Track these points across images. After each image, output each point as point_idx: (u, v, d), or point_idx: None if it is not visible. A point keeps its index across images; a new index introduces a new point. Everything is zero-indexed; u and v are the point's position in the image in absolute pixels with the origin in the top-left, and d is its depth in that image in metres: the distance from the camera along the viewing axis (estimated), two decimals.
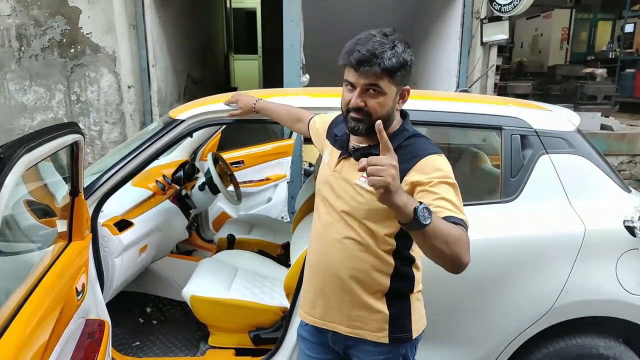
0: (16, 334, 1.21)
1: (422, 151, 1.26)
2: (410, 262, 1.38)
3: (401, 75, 1.25)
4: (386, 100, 1.26)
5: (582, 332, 1.92)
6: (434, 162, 1.24)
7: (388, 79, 1.23)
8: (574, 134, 2.00)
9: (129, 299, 2.63)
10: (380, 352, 1.38)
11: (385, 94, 1.25)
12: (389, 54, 1.20)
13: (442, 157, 1.27)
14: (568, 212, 1.89)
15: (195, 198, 2.92)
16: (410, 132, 1.33)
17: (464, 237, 1.13)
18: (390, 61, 1.20)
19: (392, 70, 1.21)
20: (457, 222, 1.14)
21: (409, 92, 1.31)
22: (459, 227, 1.13)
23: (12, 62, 4.51)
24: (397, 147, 1.24)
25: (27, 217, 1.73)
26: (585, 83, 6.37)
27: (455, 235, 1.10)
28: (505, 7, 4.42)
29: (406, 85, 1.29)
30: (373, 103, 1.25)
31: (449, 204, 1.16)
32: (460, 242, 1.11)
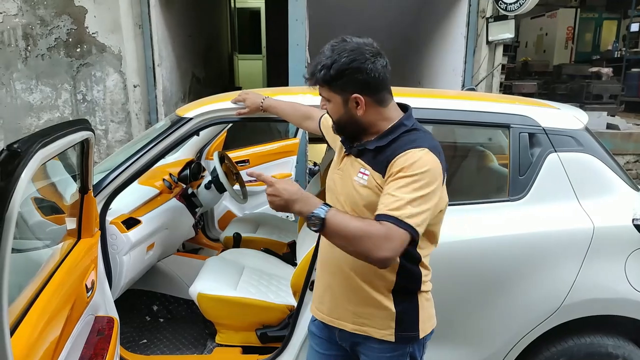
0: (29, 331, 1.22)
1: (408, 145, 1.27)
2: (417, 260, 1.37)
3: (342, 82, 1.28)
4: (334, 107, 1.33)
5: (590, 331, 1.91)
6: (409, 156, 1.24)
7: (327, 88, 1.31)
8: (582, 132, 1.99)
9: (136, 297, 2.64)
10: (386, 350, 1.38)
11: (331, 102, 1.34)
12: (320, 67, 1.28)
13: (422, 151, 1.24)
14: (576, 210, 1.88)
15: (201, 196, 2.93)
16: (409, 126, 1.32)
17: (376, 233, 1.16)
18: (320, 74, 1.28)
19: (326, 80, 1.28)
20: (383, 219, 1.17)
21: (360, 99, 1.30)
22: (374, 223, 1.18)
23: (19, 61, 4.54)
24: (390, 141, 1.29)
25: (36, 215, 1.74)
26: (591, 82, 6.35)
27: (358, 234, 1.16)
28: (511, 6, 4.41)
29: (354, 94, 1.29)
30: (328, 108, 1.36)
31: (390, 200, 1.20)
32: (365, 240, 1.16)
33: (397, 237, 1.16)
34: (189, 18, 6.00)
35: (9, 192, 0.92)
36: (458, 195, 2.18)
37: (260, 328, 2.23)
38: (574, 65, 8.06)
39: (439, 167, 1.26)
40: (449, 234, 1.81)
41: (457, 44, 4.80)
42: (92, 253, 1.78)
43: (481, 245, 1.86)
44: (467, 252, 1.85)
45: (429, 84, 5.50)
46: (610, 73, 6.68)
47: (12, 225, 0.95)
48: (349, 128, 1.35)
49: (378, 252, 1.16)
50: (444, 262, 1.74)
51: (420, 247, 1.37)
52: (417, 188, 1.20)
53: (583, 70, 6.98)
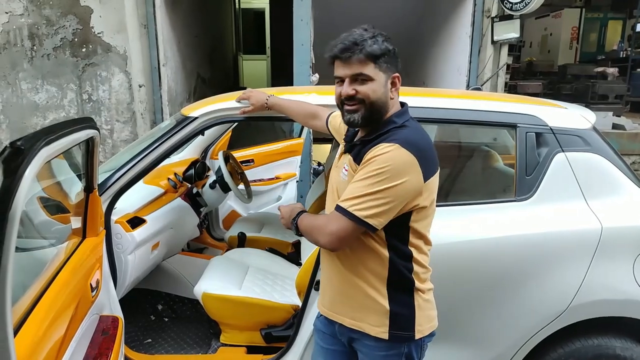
0: (33, 330, 1.21)
1: (384, 139, 1.28)
2: (408, 256, 1.35)
3: (385, 61, 1.29)
4: (376, 86, 1.29)
5: (598, 333, 1.89)
6: (376, 150, 1.26)
7: (373, 64, 1.27)
8: (589, 131, 1.97)
9: (140, 297, 2.64)
10: (380, 348, 1.38)
11: (374, 80, 1.28)
12: (369, 42, 1.26)
13: (391, 146, 1.24)
14: (584, 210, 1.86)
15: (206, 196, 2.93)
16: (398, 123, 1.32)
17: (318, 223, 1.33)
18: (371, 47, 1.26)
19: (374, 55, 1.27)
20: (335, 209, 1.29)
21: (399, 79, 1.34)
22: (321, 217, 1.37)
23: (25, 61, 4.56)
24: (377, 136, 1.30)
25: (41, 214, 1.74)
26: (596, 82, 6.32)
27: (310, 228, 1.35)
28: (516, 6, 4.39)
29: (395, 73, 1.32)
30: (364, 89, 1.29)
31: (347, 191, 1.28)
32: (313, 231, 1.34)
33: (336, 223, 1.27)
34: (194, 18, 6.01)
35: (12, 190, 0.92)
36: (464, 195, 2.18)
37: (265, 328, 2.22)
38: (579, 65, 8.02)
39: (410, 163, 1.24)
40: (454, 234, 1.82)
41: (462, 44, 4.78)
42: (97, 252, 1.78)
43: (487, 245, 1.84)
44: (473, 253, 1.83)
45: (433, 84, 5.48)
46: (615, 73, 6.65)
47: (15, 224, 0.95)
48: (379, 111, 1.31)
49: (320, 237, 1.31)
50: (449, 263, 1.74)
51: (411, 244, 1.35)
52: (374, 183, 1.23)
53: (588, 70, 6.95)
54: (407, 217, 1.31)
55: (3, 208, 0.89)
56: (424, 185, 1.28)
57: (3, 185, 0.90)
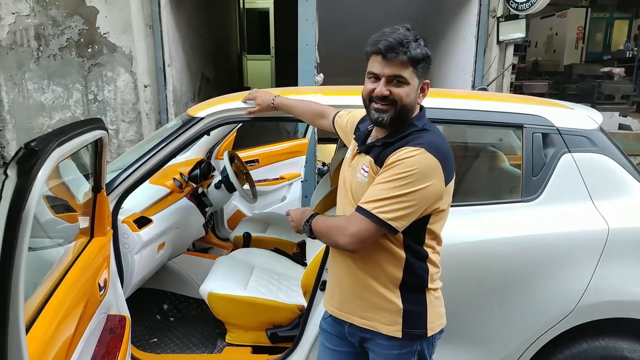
0: (43, 328, 1.23)
1: (407, 143, 1.28)
2: (424, 257, 1.37)
3: (423, 67, 1.30)
4: (410, 91, 1.30)
5: (605, 334, 1.88)
6: (402, 153, 1.26)
7: (412, 69, 1.28)
8: (596, 132, 1.96)
9: (146, 296, 2.65)
10: (394, 347, 1.38)
11: (409, 84, 1.29)
12: (414, 45, 1.26)
13: (417, 150, 1.24)
14: (591, 211, 1.86)
15: (211, 196, 2.93)
16: (419, 126, 1.33)
17: (338, 223, 1.32)
18: (415, 51, 1.26)
19: (416, 59, 1.27)
20: (356, 210, 1.29)
21: (428, 85, 1.36)
22: (340, 218, 1.36)
23: (31, 61, 4.59)
24: (398, 139, 1.30)
25: (50, 213, 1.75)
26: (602, 82, 6.30)
27: (327, 229, 1.34)
28: (522, 5, 4.38)
29: (426, 79, 1.34)
30: (398, 91, 1.29)
31: (368, 193, 1.28)
32: (333, 230, 1.32)
33: (358, 225, 1.26)
34: (199, 19, 6.03)
35: (26, 190, 0.93)
36: (470, 196, 2.17)
37: (271, 328, 2.23)
38: (585, 65, 7.99)
39: (435, 168, 1.25)
40: (461, 234, 1.81)
41: (468, 44, 4.77)
42: (104, 251, 1.79)
43: (494, 246, 1.84)
44: (480, 253, 1.83)
45: (438, 84, 5.46)
46: (622, 73, 6.62)
47: (29, 223, 0.96)
48: (406, 115, 1.32)
49: (339, 240, 1.30)
50: (456, 263, 1.73)
51: (427, 245, 1.37)
52: (399, 186, 1.23)
53: (594, 70, 6.92)
54: (425, 219, 1.32)
55: (17, 208, 0.91)
56: (445, 189, 1.30)
57: (17, 185, 0.91)
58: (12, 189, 0.91)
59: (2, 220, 0.91)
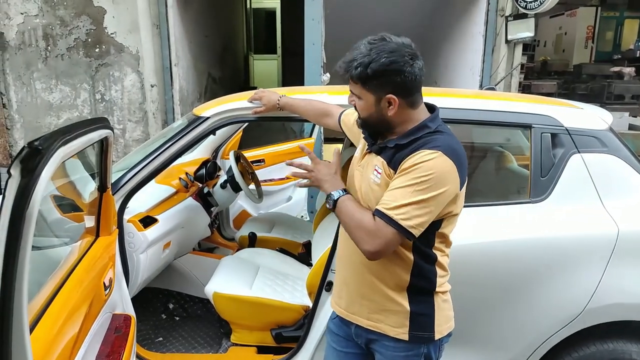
0: (48, 327, 1.23)
1: (422, 146, 1.26)
2: (432, 259, 1.36)
3: (375, 83, 1.27)
4: (364, 105, 1.31)
5: (614, 337, 1.85)
6: (420, 156, 1.24)
7: (361, 86, 1.29)
8: (606, 132, 1.94)
9: (152, 295, 2.66)
10: (400, 349, 1.37)
11: (362, 99, 1.31)
12: (357, 64, 1.25)
13: (434, 154, 1.23)
14: (600, 212, 1.83)
15: (217, 196, 2.93)
16: (432, 128, 1.30)
17: (366, 226, 1.25)
18: (356, 71, 1.26)
19: (362, 78, 1.26)
20: (377, 215, 1.24)
21: (394, 100, 1.28)
22: (368, 217, 1.26)
23: (39, 61, 4.62)
24: (411, 141, 1.28)
25: (55, 213, 1.76)
26: (612, 82, 6.23)
27: (355, 223, 1.27)
28: (531, 4, 4.34)
29: (389, 94, 1.27)
30: (358, 104, 1.34)
31: (389, 198, 1.24)
32: (358, 230, 1.26)
33: (384, 235, 1.22)
34: (205, 18, 6.04)
35: (30, 189, 0.93)
36: (477, 196, 2.15)
37: (276, 328, 2.22)
38: (594, 64, 7.91)
39: (452, 171, 1.24)
40: (468, 235, 1.79)
41: (475, 43, 4.74)
42: (110, 251, 1.80)
43: (501, 247, 1.82)
44: (487, 254, 1.81)
45: (446, 84, 5.44)
46: (632, 73, 6.54)
47: (32, 223, 0.96)
48: (375, 126, 1.35)
49: (364, 244, 1.25)
50: (463, 264, 1.71)
51: (436, 248, 1.36)
52: (420, 191, 1.21)
53: (604, 70, 6.85)
54: (438, 223, 1.30)
55: (21, 207, 0.90)
56: (459, 192, 1.29)
57: (20, 184, 0.91)
58: (15, 188, 0.91)
59: (6, 220, 0.91)
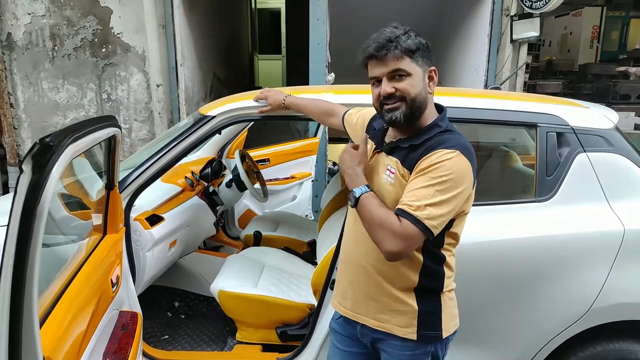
0: (57, 323, 1.24)
1: (437, 145, 1.26)
2: (441, 260, 1.36)
3: (421, 55, 1.28)
4: (415, 81, 1.28)
5: (620, 337, 1.85)
6: (438, 155, 1.24)
7: (409, 59, 1.27)
8: (612, 131, 1.93)
9: (158, 293, 2.67)
10: (407, 348, 1.37)
11: (411, 75, 1.27)
12: (403, 38, 1.26)
13: (453, 153, 1.23)
14: (606, 212, 1.83)
15: (222, 195, 2.95)
16: (443, 127, 1.31)
17: (389, 226, 1.21)
18: (406, 42, 1.25)
19: (410, 50, 1.26)
20: (402, 214, 1.21)
21: (436, 72, 1.33)
22: (392, 217, 1.22)
23: (46, 61, 4.65)
24: (424, 140, 1.28)
25: (63, 210, 1.77)
26: (618, 82, 6.20)
27: (377, 222, 1.23)
28: (536, 4, 4.33)
29: (431, 66, 1.31)
30: (403, 85, 1.27)
31: (412, 198, 1.22)
32: (381, 229, 1.22)
33: (409, 234, 1.20)
34: (211, 19, 6.06)
35: (41, 185, 0.94)
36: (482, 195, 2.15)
37: (281, 326, 2.23)
38: (600, 64, 7.87)
39: (469, 170, 1.25)
40: (474, 234, 1.78)
41: (480, 43, 4.73)
42: (117, 248, 1.81)
43: (507, 246, 1.82)
44: (493, 254, 1.81)
45: (450, 84, 5.42)
46: (638, 72, 6.51)
47: (43, 219, 0.97)
48: (420, 107, 1.29)
49: (387, 245, 1.21)
50: (469, 263, 1.72)
51: (445, 248, 1.36)
52: (441, 190, 1.20)
53: (610, 70, 6.82)
54: (450, 223, 1.30)
55: (32, 203, 0.92)
56: (472, 191, 1.30)
57: (32, 180, 0.92)
58: (27, 184, 0.92)
59: (17, 215, 0.92)
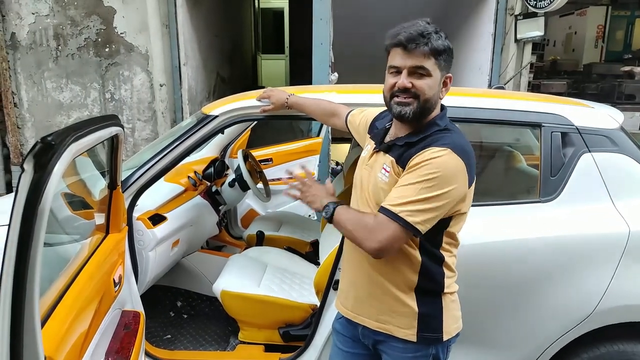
0: (59, 322, 1.24)
1: (430, 144, 1.25)
2: (440, 260, 1.35)
3: (444, 59, 1.27)
4: (433, 83, 1.27)
5: (624, 338, 1.84)
6: (428, 153, 1.23)
7: (434, 60, 1.25)
8: (617, 131, 1.92)
9: (160, 293, 2.67)
10: (408, 350, 1.36)
11: (431, 77, 1.26)
12: (435, 36, 1.24)
13: (443, 151, 1.21)
14: (611, 212, 1.82)
15: (225, 194, 2.94)
16: (441, 126, 1.30)
17: (366, 223, 1.24)
18: (437, 42, 1.24)
19: (438, 51, 1.24)
20: (381, 211, 1.23)
21: (451, 80, 1.32)
22: (366, 216, 1.26)
23: (50, 60, 4.66)
24: (420, 139, 1.27)
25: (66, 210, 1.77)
26: (623, 82, 6.16)
27: (354, 225, 1.26)
28: (540, 3, 4.31)
29: (448, 73, 1.30)
30: (420, 83, 1.25)
31: (394, 195, 1.23)
32: (360, 230, 1.25)
33: (386, 229, 1.21)
34: (214, 18, 6.07)
35: (42, 184, 0.94)
36: (486, 195, 2.14)
37: (283, 326, 2.23)
38: (605, 64, 7.82)
39: (460, 169, 1.23)
40: (477, 235, 1.78)
41: (484, 42, 4.71)
42: (119, 248, 1.81)
43: (510, 247, 1.81)
44: (496, 254, 1.80)
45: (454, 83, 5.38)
46: None
47: (44, 218, 0.97)
48: (429, 109, 1.29)
49: (366, 242, 1.23)
50: (471, 264, 1.71)
51: (444, 248, 1.35)
52: (425, 188, 1.20)
53: (615, 70, 6.77)
54: (446, 222, 1.29)
55: (33, 202, 0.91)
56: (468, 191, 1.28)
57: (33, 179, 0.92)
58: (28, 183, 0.92)
59: (19, 214, 0.92)
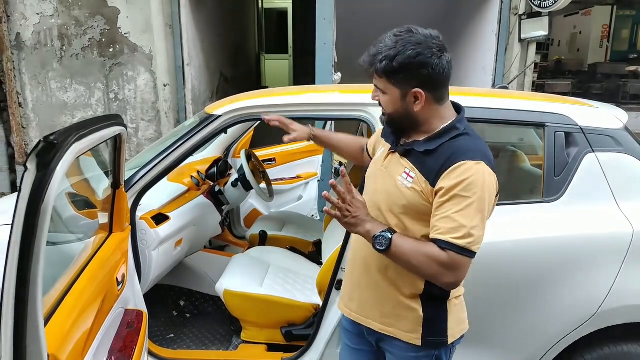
0: (62, 321, 1.24)
1: (462, 155, 1.21)
2: None
3: (404, 76, 1.23)
4: (390, 100, 1.28)
5: (628, 339, 1.83)
6: (465, 170, 1.19)
7: (386, 80, 1.26)
8: (621, 131, 1.91)
9: (163, 292, 2.68)
10: (411, 350, 1.36)
11: (386, 94, 1.28)
12: (382, 57, 1.22)
13: (479, 165, 1.19)
14: (615, 213, 1.81)
15: (228, 194, 2.95)
16: (460, 130, 1.27)
17: (440, 260, 1.18)
18: (381, 64, 1.22)
19: (388, 72, 1.23)
20: (442, 245, 1.17)
21: (421, 94, 1.24)
22: (435, 250, 1.19)
23: (54, 61, 4.68)
24: (440, 145, 1.25)
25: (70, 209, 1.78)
26: (628, 82, 6.15)
27: (424, 259, 1.19)
28: (545, 3, 4.30)
29: (415, 89, 1.24)
30: (382, 100, 1.31)
31: (446, 224, 1.18)
32: (433, 266, 1.19)
33: (461, 265, 1.19)
34: (218, 18, 6.08)
35: (45, 183, 0.94)
36: None
37: (286, 326, 2.23)
38: (609, 64, 7.79)
39: (494, 181, 1.24)
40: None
41: (488, 42, 4.70)
42: (123, 247, 1.82)
43: (514, 247, 1.80)
44: (500, 255, 1.79)
45: (457, 83, 5.35)
46: None
47: (47, 217, 0.97)
48: (401, 123, 1.31)
49: (444, 278, 1.21)
50: (475, 265, 1.69)
51: None
52: (477, 209, 1.18)
53: (619, 69, 6.75)
54: None
55: (36, 201, 0.92)
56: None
57: (36, 178, 0.93)
58: (31, 181, 0.93)
59: (22, 213, 0.92)
